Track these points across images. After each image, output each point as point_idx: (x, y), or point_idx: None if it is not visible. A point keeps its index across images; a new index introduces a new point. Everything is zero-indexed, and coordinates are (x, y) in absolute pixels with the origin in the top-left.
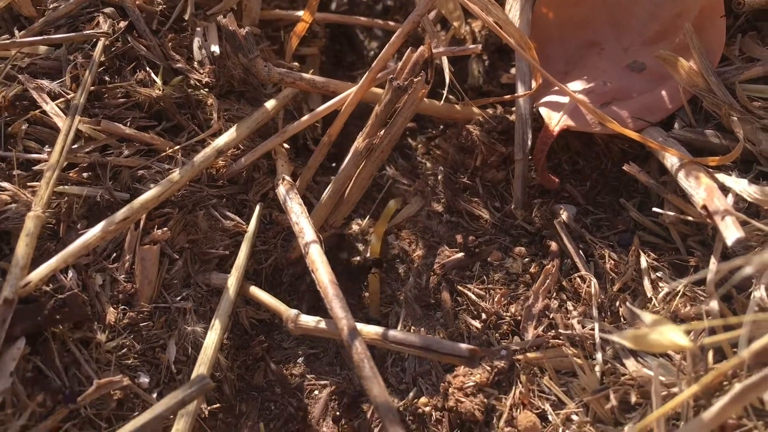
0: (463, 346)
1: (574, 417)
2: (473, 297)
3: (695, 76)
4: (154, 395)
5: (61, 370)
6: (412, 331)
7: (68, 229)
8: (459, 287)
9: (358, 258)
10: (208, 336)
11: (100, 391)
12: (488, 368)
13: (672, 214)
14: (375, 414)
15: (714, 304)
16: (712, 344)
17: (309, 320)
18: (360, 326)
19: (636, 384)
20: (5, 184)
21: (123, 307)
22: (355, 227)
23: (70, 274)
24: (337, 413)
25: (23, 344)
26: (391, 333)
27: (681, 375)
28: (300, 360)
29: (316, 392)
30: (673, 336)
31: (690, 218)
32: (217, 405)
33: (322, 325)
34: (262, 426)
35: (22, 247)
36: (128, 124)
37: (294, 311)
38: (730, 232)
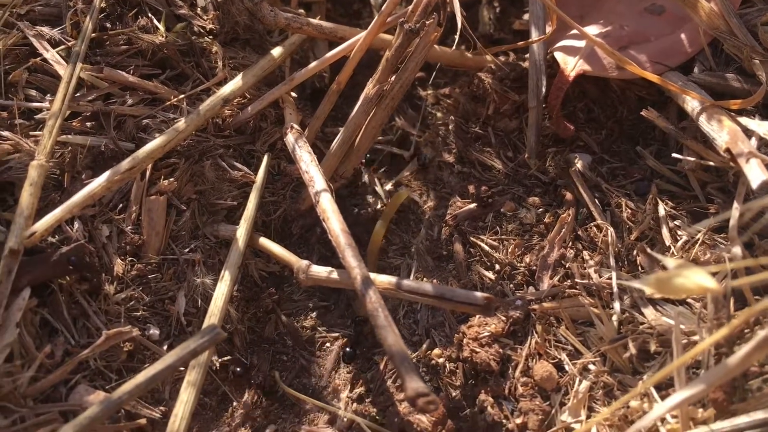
0: (478, 294)
1: (591, 366)
2: (486, 248)
3: (716, 18)
4: (165, 347)
5: (70, 322)
6: (424, 279)
7: (73, 179)
8: (472, 238)
9: (368, 209)
10: (217, 287)
11: (109, 342)
12: (503, 318)
13: (692, 159)
14: (388, 365)
15: (737, 250)
16: (736, 288)
17: (320, 270)
18: (373, 276)
19: (655, 333)
20: (7, 134)
21: (131, 258)
22: (365, 178)
23: (76, 225)
24: (349, 366)
25: (28, 294)
26: (405, 282)
27: (702, 323)
28: (311, 313)
29: (328, 344)
30: (698, 278)
31: (711, 163)
32: (228, 357)
33: (334, 275)
34: (277, 374)
35: (26, 197)
36: (131, 72)
37: (305, 262)
38: (755, 174)
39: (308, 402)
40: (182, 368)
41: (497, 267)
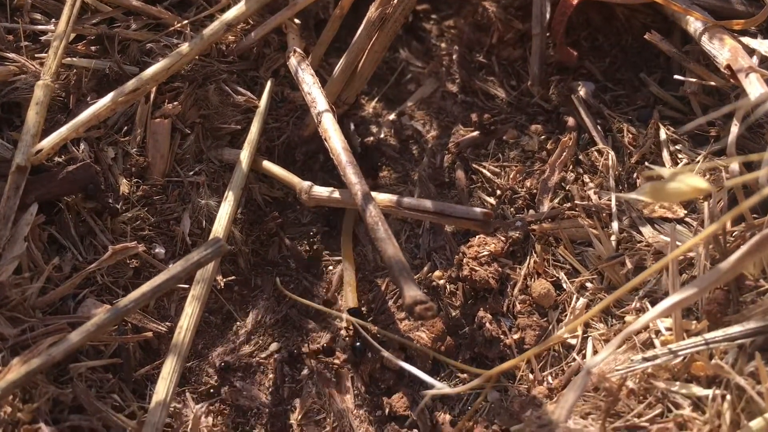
0: (477, 209)
1: (589, 285)
2: (488, 174)
3: None
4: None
5: (77, 239)
6: None
7: (78, 102)
8: (474, 165)
9: (371, 138)
10: (221, 208)
11: (115, 257)
12: (503, 238)
13: (693, 80)
14: (389, 286)
15: (734, 166)
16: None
17: (322, 191)
18: (374, 194)
19: (652, 250)
20: (13, 56)
21: (136, 180)
22: (369, 109)
23: (82, 146)
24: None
25: (36, 210)
26: (405, 200)
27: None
28: (315, 237)
29: (331, 267)
30: (692, 181)
31: (712, 84)
32: (233, 277)
33: (336, 194)
34: (278, 280)
35: (33, 116)
36: None
37: (307, 183)
38: (755, 88)
39: (309, 306)
40: (187, 285)
41: (498, 192)
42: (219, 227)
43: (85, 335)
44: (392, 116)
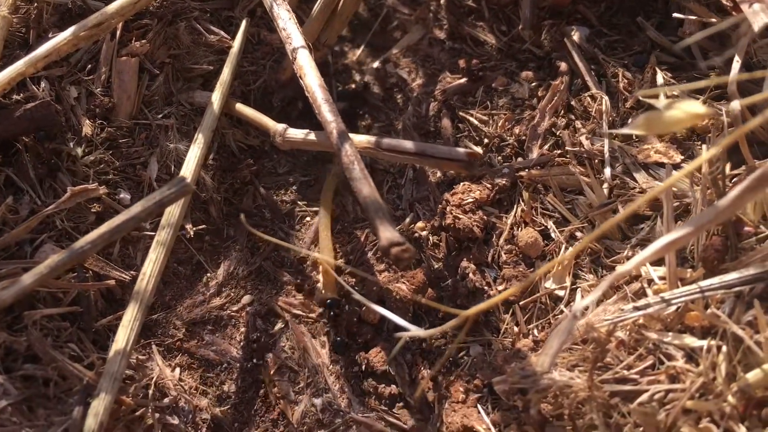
0: (461, 149)
1: (578, 234)
2: (475, 122)
3: None
4: None
5: (36, 182)
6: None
7: (38, 38)
8: (461, 113)
9: (353, 85)
10: (190, 150)
11: (75, 199)
12: (488, 186)
13: (693, 18)
14: (369, 237)
15: (735, 104)
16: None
17: (297, 133)
18: (352, 135)
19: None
20: None
21: (100, 121)
22: (352, 57)
23: (43, 84)
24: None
25: None
26: (384, 140)
27: (694, 185)
28: (291, 187)
29: (308, 218)
30: (689, 107)
31: (713, 20)
32: (203, 226)
33: (311, 136)
34: (243, 216)
35: None
36: None
37: (282, 125)
38: (758, 18)
39: (278, 244)
40: (154, 233)
41: (486, 141)
42: (187, 170)
43: (38, 277)
44: (376, 64)
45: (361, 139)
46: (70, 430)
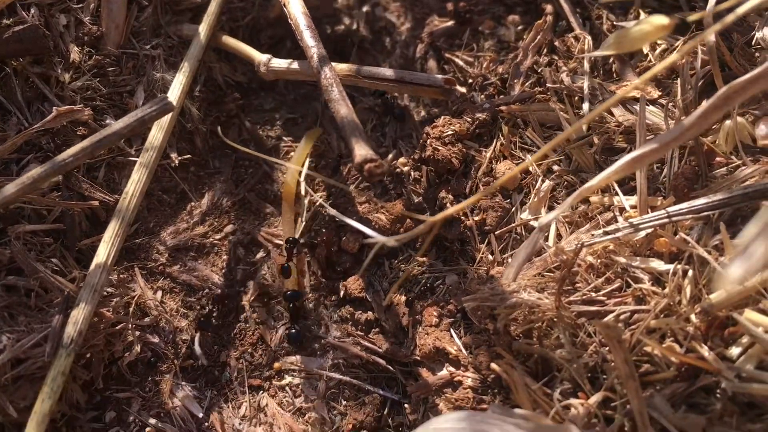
0: (439, 76)
1: (555, 167)
2: (461, 63)
3: None
4: None
5: (24, 104)
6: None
7: None
8: (447, 55)
9: (341, 27)
10: (176, 78)
11: (61, 119)
12: (468, 120)
13: None
14: (350, 172)
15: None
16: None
17: (281, 62)
18: (333, 64)
19: (621, 128)
20: None
21: (88, 49)
22: (341, 0)
23: (33, 10)
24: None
25: None
26: (364, 68)
27: (668, 119)
28: (277, 122)
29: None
30: (655, 20)
31: None
32: (188, 156)
33: (295, 65)
34: (218, 129)
35: None
36: None
37: (266, 56)
38: None
39: (252, 155)
40: (137, 159)
41: (470, 81)
42: (172, 96)
43: (21, 187)
44: (366, 8)
45: (342, 67)
46: (50, 337)
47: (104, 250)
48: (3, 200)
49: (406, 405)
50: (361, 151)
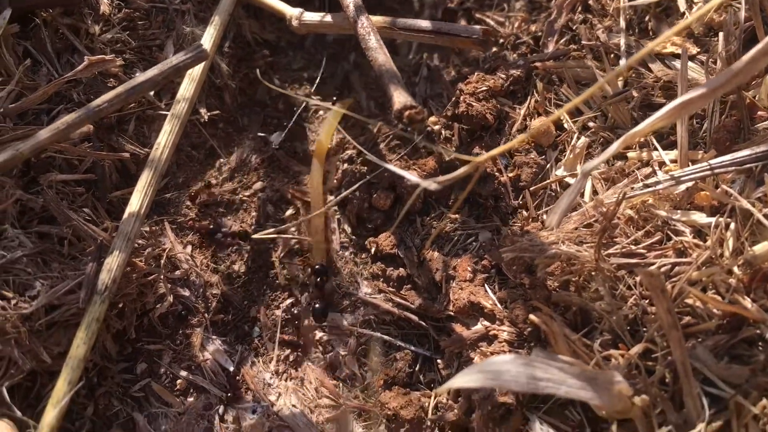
0: (477, 27)
1: (591, 124)
2: (492, 23)
3: None
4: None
5: (54, 56)
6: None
7: None
8: (477, 15)
9: None
10: (206, 31)
11: (91, 69)
12: (503, 76)
13: None
14: (381, 130)
15: None
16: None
17: (314, 16)
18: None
19: (660, 83)
20: None
21: (118, 1)
22: None
23: None
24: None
25: (9, 14)
26: (400, 20)
27: (709, 74)
28: (306, 82)
29: (321, 112)
30: None
31: None
32: (217, 112)
33: (328, 18)
34: (258, 72)
35: None
36: None
37: (298, 9)
38: None
39: (294, 97)
40: (167, 112)
41: (501, 41)
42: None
43: (54, 133)
44: None
45: (378, 19)
46: (85, 284)
47: (137, 200)
48: (36, 146)
49: (438, 360)
50: (401, 98)
